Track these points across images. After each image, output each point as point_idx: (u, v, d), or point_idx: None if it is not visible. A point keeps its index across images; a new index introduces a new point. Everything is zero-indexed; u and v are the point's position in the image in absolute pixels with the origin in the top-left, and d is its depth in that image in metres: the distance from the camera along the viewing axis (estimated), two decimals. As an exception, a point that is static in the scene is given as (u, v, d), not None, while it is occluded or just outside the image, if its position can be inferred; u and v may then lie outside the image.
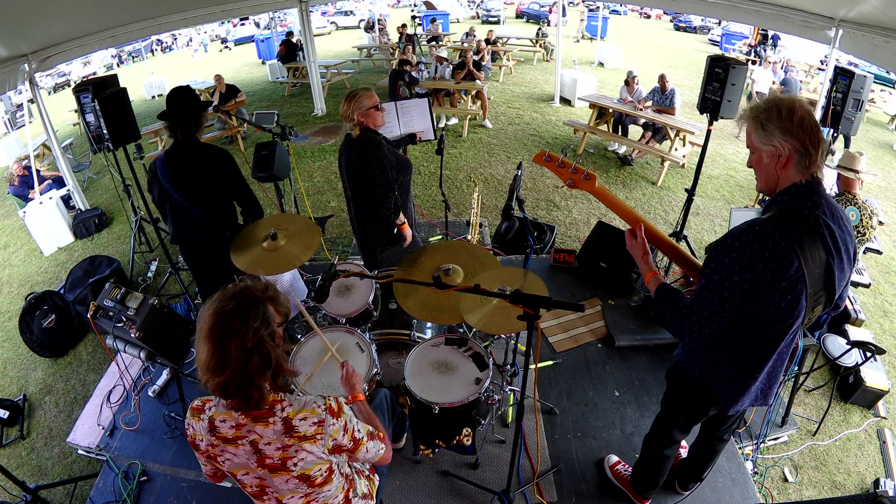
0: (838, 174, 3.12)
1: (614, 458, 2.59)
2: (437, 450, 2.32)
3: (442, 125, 8.49)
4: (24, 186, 6.28)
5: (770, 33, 13.99)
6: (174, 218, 2.85)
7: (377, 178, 2.76)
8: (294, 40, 11.95)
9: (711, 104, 3.57)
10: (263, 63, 15.27)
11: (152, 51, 21.78)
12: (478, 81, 8.64)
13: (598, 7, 19.56)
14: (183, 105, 2.69)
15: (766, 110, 1.44)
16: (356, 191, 2.92)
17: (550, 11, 20.61)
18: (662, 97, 6.94)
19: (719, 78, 3.47)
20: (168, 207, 2.81)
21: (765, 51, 13.69)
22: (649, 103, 6.98)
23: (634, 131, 7.37)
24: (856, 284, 4.01)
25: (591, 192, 1.84)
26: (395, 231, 3.00)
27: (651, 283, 1.71)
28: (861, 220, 3.00)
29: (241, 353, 1.20)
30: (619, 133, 7.41)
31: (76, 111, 4.59)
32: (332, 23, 25.09)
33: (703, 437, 2.18)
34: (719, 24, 19.61)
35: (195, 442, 1.34)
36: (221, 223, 2.88)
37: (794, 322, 1.49)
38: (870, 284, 4.19)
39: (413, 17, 18.16)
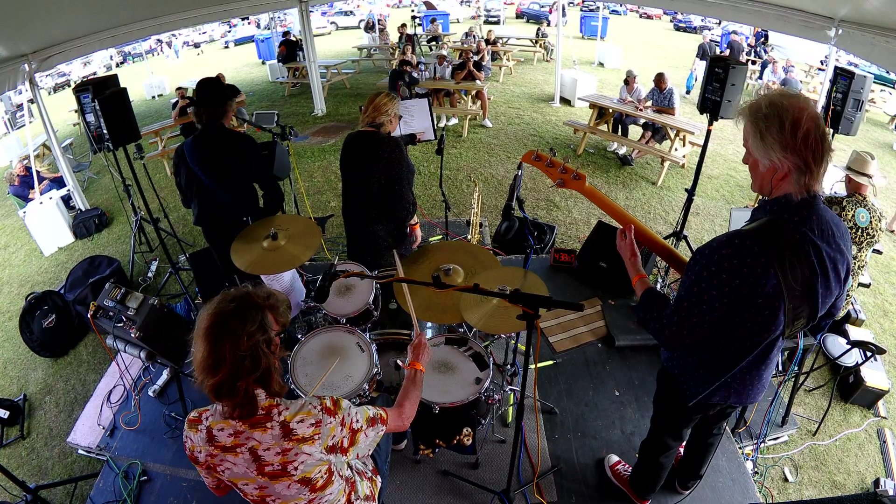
0: (847, 176, 3.11)
1: (614, 458, 2.59)
2: (437, 450, 2.31)
3: (442, 125, 8.49)
4: (24, 186, 6.28)
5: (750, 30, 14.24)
6: (201, 200, 2.96)
7: (404, 176, 2.76)
8: (293, 38, 11.96)
9: (711, 104, 3.57)
10: (263, 63, 15.27)
11: (152, 52, 21.77)
12: (478, 81, 8.65)
13: (598, 7, 19.57)
14: (210, 90, 2.81)
15: (767, 118, 1.31)
16: (378, 189, 2.79)
17: (551, 11, 20.61)
18: (661, 97, 6.94)
19: (719, 78, 3.47)
20: (195, 190, 2.92)
21: (765, 51, 13.68)
22: (649, 103, 6.98)
23: (634, 131, 7.37)
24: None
25: (580, 192, 1.82)
26: (408, 230, 3.04)
27: (637, 287, 1.69)
28: (871, 222, 3.00)
29: (235, 355, 1.19)
30: (619, 133, 7.40)
31: (76, 111, 4.58)
32: (332, 23, 25.09)
33: (696, 432, 2.18)
34: (719, 24, 19.59)
35: (194, 455, 1.33)
36: (246, 207, 3.00)
37: (770, 335, 1.47)
38: (870, 284, 4.19)
39: (413, 17, 18.16)
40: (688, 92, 11.17)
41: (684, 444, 2.32)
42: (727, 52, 11.12)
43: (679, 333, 1.47)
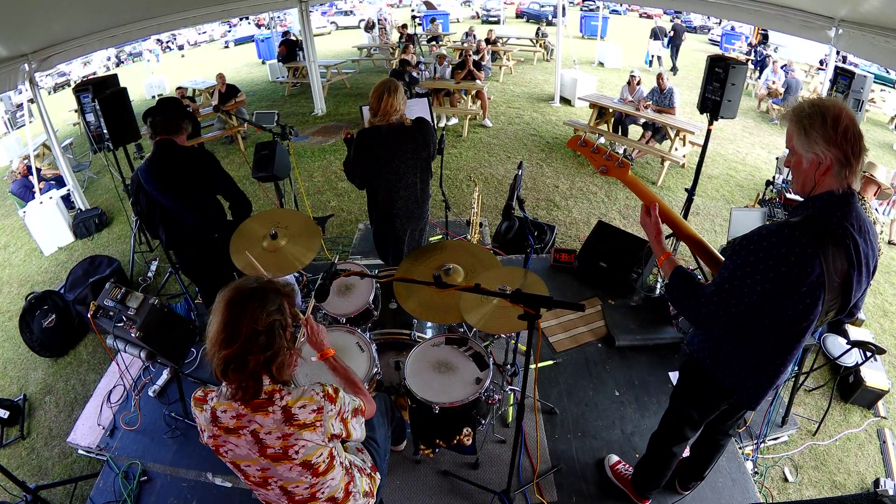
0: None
1: (615, 458, 2.59)
2: (437, 450, 2.32)
3: (442, 125, 8.49)
4: (24, 186, 6.28)
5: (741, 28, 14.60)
6: (166, 225, 2.87)
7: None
8: (293, 38, 11.95)
9: (711, 104, 3.57)
10: (263, 63, 15.26)
11: (152, 50, 21.76)
12: (478, 81, 8.64)
13: (598, 7, 19.58)
14: (169, 109, 2.78)
15: (811, 116, 1.41)
16: (427, 172, 3.03)
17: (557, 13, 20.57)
18: (661, 97, 6.94)
19: (719, 78, 3.47)
20: (158, 216, 2.82)
21: (765, 50, 13.67)
22: (649, 102, 6.98)
23: (634, 131, 7.36)
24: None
25: (623, 181, 1.87)
26: None
27: (665, 266, 1.70)
28: None
29: (252, 329, 1.22)
30: (619, 133, 7.40)
31: (76, 111, 4.59)
32: (332, 23, 25.09)
33: (707, 432, 2.16)
34: (719, 23, 19.61)
35: (201, 430, 1.37)
36: (213, 225, 2.91)
37: (808, 325, 1.51)
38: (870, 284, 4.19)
39: (413, 17, 18.16)
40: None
41: (690, 444, 2.31)
42: (672, 35, 12.25)
43: (716, 313, 1.51)
